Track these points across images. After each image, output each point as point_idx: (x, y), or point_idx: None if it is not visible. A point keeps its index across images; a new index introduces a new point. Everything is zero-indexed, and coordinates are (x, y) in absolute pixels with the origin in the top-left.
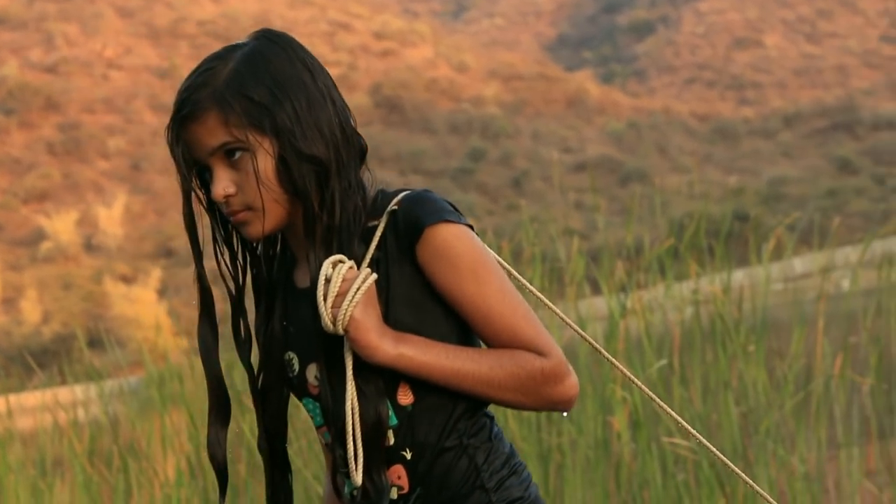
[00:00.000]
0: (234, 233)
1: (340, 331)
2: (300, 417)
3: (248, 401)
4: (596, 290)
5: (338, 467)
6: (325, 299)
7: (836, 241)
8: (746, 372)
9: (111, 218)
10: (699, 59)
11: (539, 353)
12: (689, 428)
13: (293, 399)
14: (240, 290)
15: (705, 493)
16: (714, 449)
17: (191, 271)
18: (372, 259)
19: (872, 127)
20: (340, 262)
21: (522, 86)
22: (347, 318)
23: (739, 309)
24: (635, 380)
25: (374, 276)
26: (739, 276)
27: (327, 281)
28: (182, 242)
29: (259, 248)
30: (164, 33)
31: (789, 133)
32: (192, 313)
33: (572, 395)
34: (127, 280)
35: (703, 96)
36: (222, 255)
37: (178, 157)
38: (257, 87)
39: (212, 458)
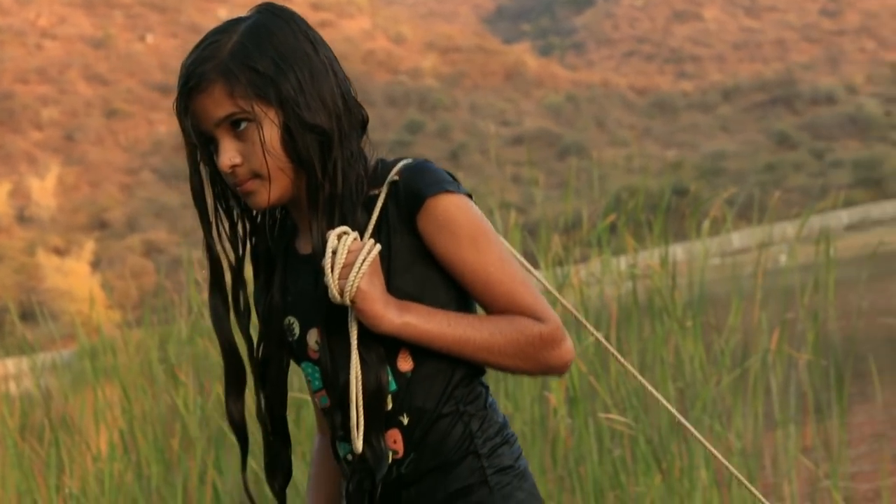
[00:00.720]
0: (234, 206)
1: (348, 301)
2: None
3: (181, 374)
4: (533, 263)
5: (334, 431)
6: (332, 270)
7: (774, 215)
8: (683, 347)
9: (44, 189)
10: (638, 32)
11: (536, 318)
12: (688, 425)
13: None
14: (239, 261)
15: (641, 469)
16: (703, 440)
17: (124, 244)
18: (374, 228)
19: (811, 101)
20: (345, 233)
21: (460, 58)
22: (354, 290)
23: (676, 283)
24: (633, 370)
25: (378, 246)
26: (677, 250)
27: (333, 252)
28: (115, 214)
29: (259, 218)
30: (98, 3)
31: (728, 107)
32: (125, 286)
33: (568, 360)
34: (60, 252)
35: (642, 69)
36: (223, 226)
37: (187, 129)
38: (262, 58)
39: (232, 424)
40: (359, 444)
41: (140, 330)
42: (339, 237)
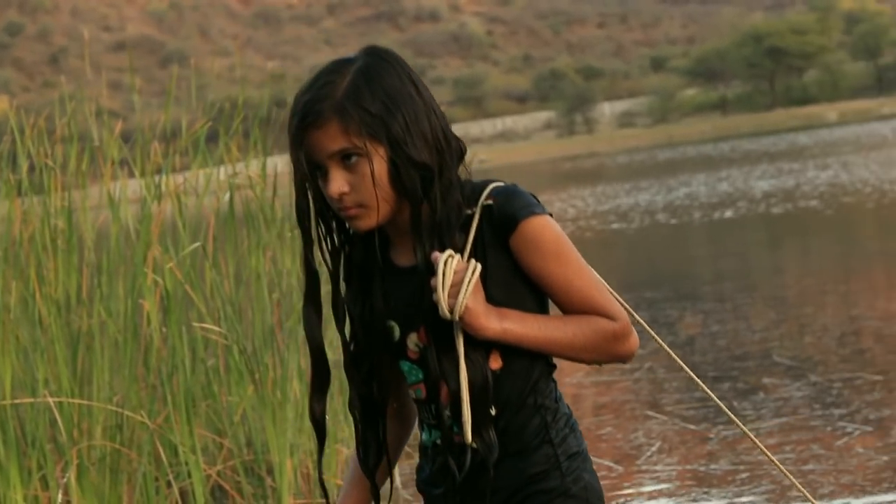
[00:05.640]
0: (332, 223)
1: (457, 318)
2: None
3: None
4: (132, 171)
5: (423, 420)
6: (442, 291)
7: None
8: (281, 258)
9: None
10: None
11: (609, 317)
12: (701, 384)
13: None
14: (337, 271)
15: (235, 379)
16: (698, 379)
17: None
18: (471, 246)
19: (415, 18)
20: (451, 256)
21: None
22: (463, 308)
23: (276, 194)
24: (697, 379)
25: (480, 266)
26: (277, 161)
27: (442, 274)
28: None
29: (352, 232)
30: None
31: (332, 20)
32: None
33: (635, 349)
34: None
35: None
36: (324, 242)
37: (301, 159)
38: (373, 100)
39: (313, 420)
40: (468, 437)
41: None
42: (446, 261)
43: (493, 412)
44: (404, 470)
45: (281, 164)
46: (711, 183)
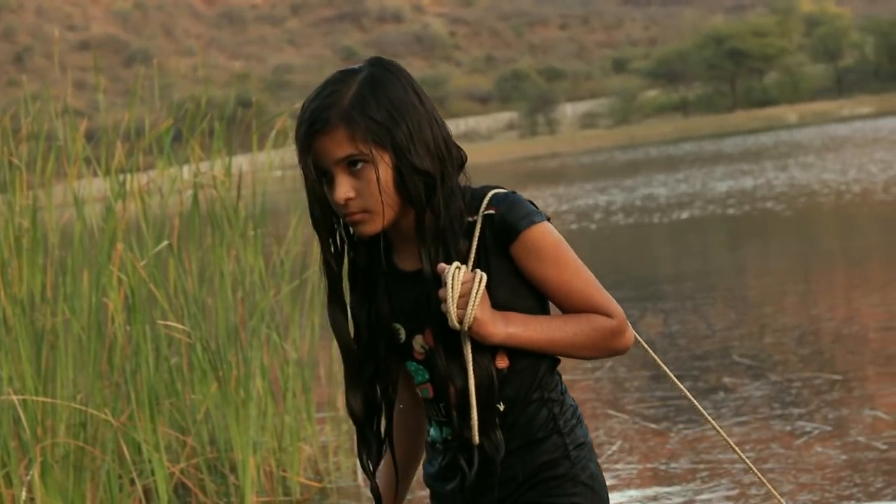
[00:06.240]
0: (336, 228)
1: (465, 329)
2: None
3: None
4: (96, 170)
5: (431, 417)
6: (452, 302)
7: None
8: (244, 257)
9: None
10: None
11: (606, 314)
12: (669, 372)
13: None
14: (340, 272)
15: (198, 377)
16: (685, 389)
17: None
18: (475, 253)
19: (378, 18)
20: (458, 268)
21: None
22: (472, 319)
23: (240, 194)
24: (669, 372)
25: (485, 276)
26: (241, 161)
27: (450, 286)
28: None
29: (356, 237)
30: None
31: (296, 21)
32: None
33: (630, 344)
34: None
35: None
36: (329, 244)
37: (309, 165)
38: (378, 109)
39: (351, 413)
40: (476, 439)
41: None
42: (454, 273)
43: (501, 408)
44: None
45: (245, 163)
46: (672, 183)
